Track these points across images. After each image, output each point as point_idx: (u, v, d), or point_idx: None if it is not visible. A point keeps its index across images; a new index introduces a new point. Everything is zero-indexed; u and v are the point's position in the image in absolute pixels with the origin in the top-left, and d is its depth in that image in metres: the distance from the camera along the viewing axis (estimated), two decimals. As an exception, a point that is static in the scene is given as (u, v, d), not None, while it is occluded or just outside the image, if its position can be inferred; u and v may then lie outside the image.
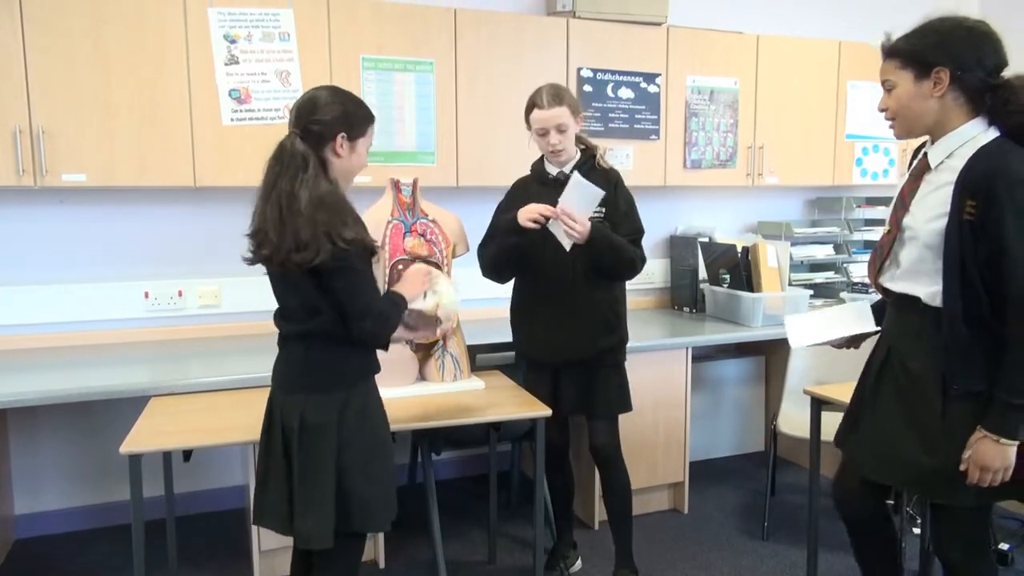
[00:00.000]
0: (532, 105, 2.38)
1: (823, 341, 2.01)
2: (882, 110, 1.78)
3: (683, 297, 3.81)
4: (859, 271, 4.07)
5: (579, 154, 2.45)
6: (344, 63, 2.93)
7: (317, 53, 2.89)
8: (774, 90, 3.76)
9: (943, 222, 1.65)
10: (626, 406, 2.51)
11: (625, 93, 3.44)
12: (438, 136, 3.11)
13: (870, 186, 4.14)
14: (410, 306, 1.88)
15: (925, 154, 1.79)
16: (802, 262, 4.04)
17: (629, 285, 2.63)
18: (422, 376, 2.59)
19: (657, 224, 3.83)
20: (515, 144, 3.14)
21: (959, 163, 1.67)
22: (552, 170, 2.47)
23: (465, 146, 3.15)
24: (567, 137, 2.38)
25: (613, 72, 3.41)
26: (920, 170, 1.78)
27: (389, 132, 2.97)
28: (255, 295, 3.14)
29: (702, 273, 3.73)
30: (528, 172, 2.58)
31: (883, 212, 3.99)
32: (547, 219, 2.27)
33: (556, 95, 2.35)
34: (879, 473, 1.82)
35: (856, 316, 2.03)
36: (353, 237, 1.64)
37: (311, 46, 2.88)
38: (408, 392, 2.47)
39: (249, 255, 1.75)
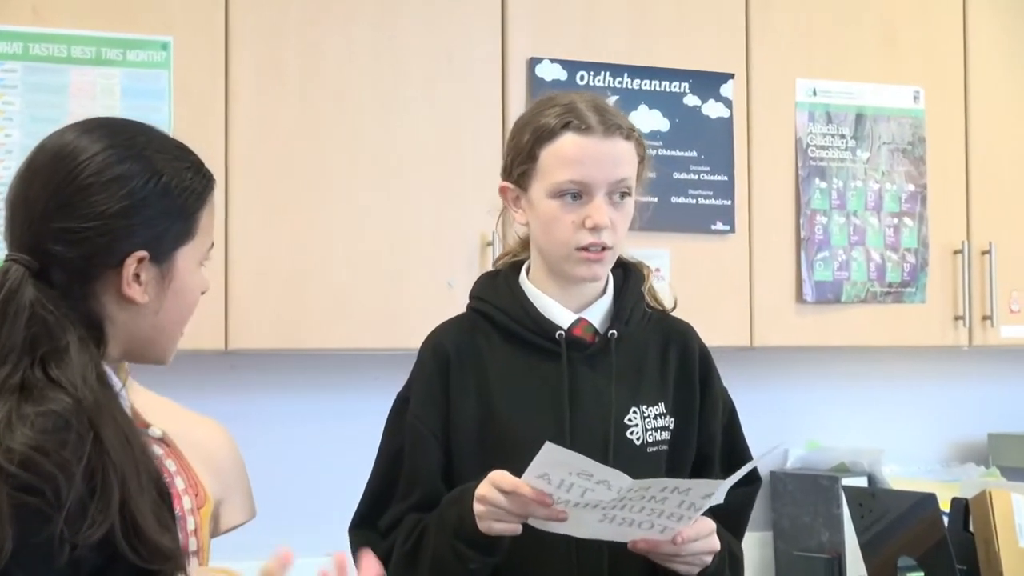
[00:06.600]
0: (554, 127, 2.43)
1: None
2: None
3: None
4: None
5: (611, 276, 2.58)
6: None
7: None
8: (1007, 115, 3.98)
9: None
10: None
11: (649, 119, 3.54)
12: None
13: None
14: None
15: None
16: (1099, 535, 4.11)
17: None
18: None
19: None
20: (381, 239, 3.28)
21: None
22: (564, 317, 2.50)
23: (246, 245, 3.21)
24: (626, 218, 2.48)
25: (616, 69, 3.54)
26: None
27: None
28: None
29: (855, 566, 3.66)
30: (454, 317, 2.60)
31: None
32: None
33: (611, 113, 2.46)
34: None
35: None
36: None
37: None
38: None
39: None
